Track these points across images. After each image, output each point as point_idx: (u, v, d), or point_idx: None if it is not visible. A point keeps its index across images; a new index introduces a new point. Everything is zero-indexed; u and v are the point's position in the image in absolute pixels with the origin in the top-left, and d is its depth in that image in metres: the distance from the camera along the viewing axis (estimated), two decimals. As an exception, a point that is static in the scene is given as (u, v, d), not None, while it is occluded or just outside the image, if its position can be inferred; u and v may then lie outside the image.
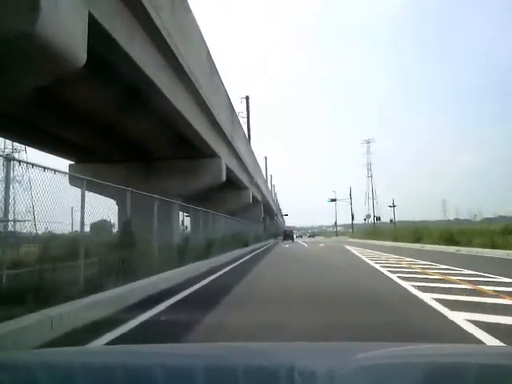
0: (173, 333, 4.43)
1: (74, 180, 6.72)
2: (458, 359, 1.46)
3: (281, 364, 1.41)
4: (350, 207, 64.96)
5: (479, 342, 3.85)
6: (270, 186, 65.21)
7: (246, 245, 24.74)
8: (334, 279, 9.47)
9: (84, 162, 16.90)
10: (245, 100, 40.17)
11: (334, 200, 70.01)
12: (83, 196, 6.38)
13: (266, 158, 67.79)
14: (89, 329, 4.50)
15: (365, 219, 67.43)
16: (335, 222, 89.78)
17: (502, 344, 3.74)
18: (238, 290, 7.74)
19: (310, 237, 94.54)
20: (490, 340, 3.89)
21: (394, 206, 54.97)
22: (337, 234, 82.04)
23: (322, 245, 35.61)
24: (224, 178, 18.07)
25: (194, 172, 17.04)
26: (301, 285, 8.27)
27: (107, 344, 3.92)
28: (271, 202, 57.32)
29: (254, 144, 40.56)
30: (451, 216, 71.22)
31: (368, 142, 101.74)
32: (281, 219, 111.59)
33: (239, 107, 36.91)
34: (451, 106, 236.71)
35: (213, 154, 17.16)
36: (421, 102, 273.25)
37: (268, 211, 57.16)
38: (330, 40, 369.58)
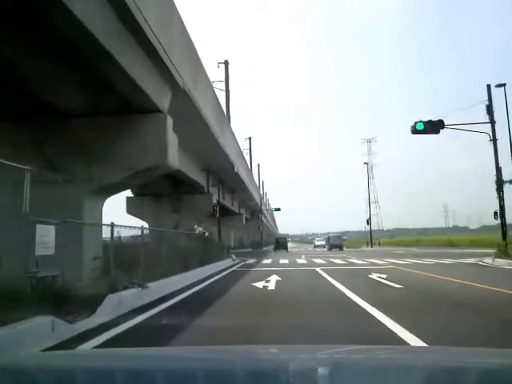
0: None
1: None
2: (457, 362, 1.47)
3: (278, 366, 1.45)
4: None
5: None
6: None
7: None
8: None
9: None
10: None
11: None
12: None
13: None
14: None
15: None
16: (368, 220, 47.91)
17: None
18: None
19: (331, 248, 43.36)
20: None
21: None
22: (372, 243, 47.73)
23: None
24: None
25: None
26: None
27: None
28: (244, 174, 32.57)
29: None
30: (451, 223, 63.07)
31: (369, 141, 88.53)
32: (272, 224, 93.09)
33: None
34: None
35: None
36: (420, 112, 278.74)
37: (239, 191, 35.85)
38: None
